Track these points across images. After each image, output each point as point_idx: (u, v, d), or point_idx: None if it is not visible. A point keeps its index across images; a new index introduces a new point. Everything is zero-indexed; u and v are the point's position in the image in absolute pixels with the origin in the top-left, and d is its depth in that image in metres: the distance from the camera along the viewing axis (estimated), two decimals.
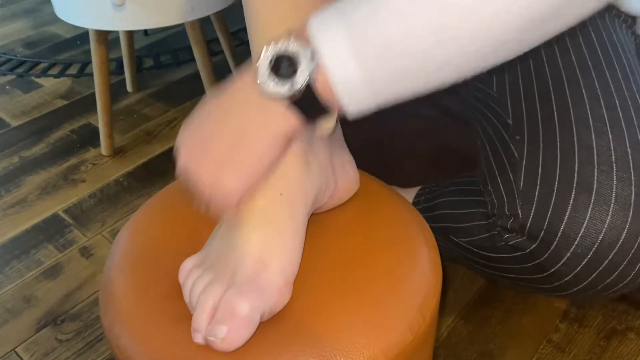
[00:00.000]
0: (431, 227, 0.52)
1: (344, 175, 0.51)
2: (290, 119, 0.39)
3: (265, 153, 0.41)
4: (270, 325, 0.42)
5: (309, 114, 0.39)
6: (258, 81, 0.38)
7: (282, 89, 0.37)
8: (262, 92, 0.38)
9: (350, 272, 0.45)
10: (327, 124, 0.42)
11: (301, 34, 0.38)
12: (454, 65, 0.36)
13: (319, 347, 0.40)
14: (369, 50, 0.36)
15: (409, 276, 0.45)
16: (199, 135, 0.43)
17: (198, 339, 0.40)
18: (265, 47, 0.38)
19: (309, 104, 0.38)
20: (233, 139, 0.41)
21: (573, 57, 0.60)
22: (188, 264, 0.45)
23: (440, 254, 0.50)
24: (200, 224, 0.50)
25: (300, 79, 0.37)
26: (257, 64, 0.38)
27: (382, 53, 0.36)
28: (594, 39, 0.62)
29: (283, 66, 0.37)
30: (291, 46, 0.37)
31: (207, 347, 0.40)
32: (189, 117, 0.46)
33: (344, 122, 0.52)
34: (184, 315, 0.42)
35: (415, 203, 0.76)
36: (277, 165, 0.44)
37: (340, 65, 0.36)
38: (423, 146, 0.90)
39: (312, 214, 0.50)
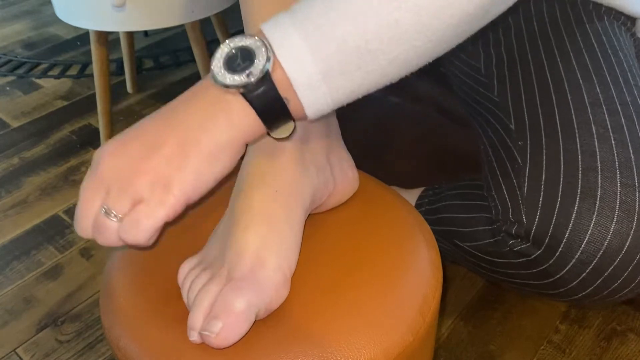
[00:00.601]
0: (435, 230, 0.52)
1: (343, 175, 0.51)
2: (248, 117, 0.38)
3: (221, 154, 0.38)
4: (270, 326, 0.42)
5: (267, 112, 0.38)
6: (213, 72, 0.37)
7: (239, 79, 0.36)
8: (217, 83, 0.37)
9: (350, 272, 0.45)
10: (285, 129, 0.40)
11: (257, 34, 0.38)
12: (405, 60, 0.38)
13: (319, 348, 0.40)
14: (325, 49, 0.36)
15: (409, 277, 0.45)
16: (136, 139, 0.38)
17: (194, 337, 0.40)
18: (220, 46, 0.38)
19: (267, 98, 0.37)
20: (184, 135, 0.37)
21: (573, 62, 0.60)
22: (187, 265, 0.45)
23: (442, 256, 0.50)
24: (200, 225, 0.50)
25: (257, 68, 0.36)
26: (212, 60, 0.37)
27: (339, 52, 0.36)
28: (594, 43, 0.62)
29: (239, 59, 0.37)
30: (247, 41, 0.37)
31: (206, 348, 0.40)
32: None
33: (343, 124, 0.52)
34: (184, 316, 0.42)
35: (418, 205, 0.76)
36: (271, 165, 0.42)
37: (295, 59, 0.36)
38: (424, 147, 0.90)
39: (311, 214, 0.50)
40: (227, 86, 0.37)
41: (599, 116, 0.55)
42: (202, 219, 0.51)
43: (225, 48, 0.38)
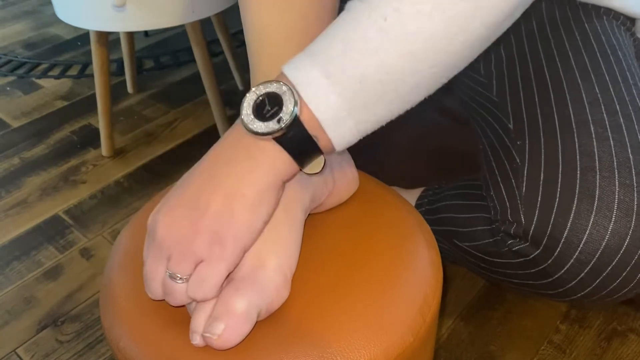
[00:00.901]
0: (434, 231, 0.52)
1: (342, 175, 0.51)
2: (283, 160, 0.40)
3: (263, 201, 0.40)
4: (270, 327, 0.42)
5: (299, 151, 0.40)
6: (244, 123, 0.39)
7: (270, 126, 0.38)
8: (250, 133, 0.39)
9: (350, 272, 0.45)
10: (317, 165, 0.42)
11: (279, 78, 0.39)
12: (424, 86, 0.40)
13: (319, 348, 0.40)
14: (347, 85, 0.38)
15: (409, 277, 0.45)
16: (182, 198, 0.40)
17: (196, 340, 0.40)
18: (246, 94, 0.40)
19: (299, 141, 0.39)
20: (227, 188, 0.39)
21: (572, 61, 0.60)
22: None
23: (443, 256, 0.50)
24: None
25: (287, 114, 0.38)
26: (241, 109, 0.39)
27: (360, 86, 0.38)
28: (593, 43, 0.62)
29: (267, 106, 0.38)
30: (273, 87, 0.39)
31: (207, 348, 0.40)
32: (165, 196, 0.42)
33: None
34: (184, 317, 0.42)
35: (418, 205, 0.76)
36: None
37: (322, 102, 0.38)
38: (423, 147, 0.90)
39: (311, 214, 0.50)
40: (259, 134, 0.38)
41: (598, 116, 0.55)
42: None
43: (253, 96, 0.39)
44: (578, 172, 0.52)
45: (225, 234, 0.39)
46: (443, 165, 0.89)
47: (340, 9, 0.43)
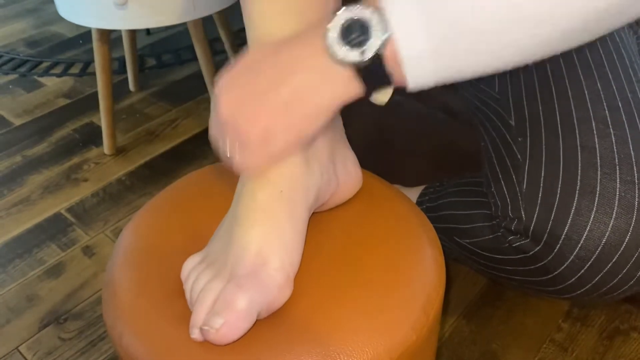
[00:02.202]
0: (435, 228, 0.52)
1: (346, 174, 0.51)
2: (352, 86, 0.39)
3: (320, 115, 0.41)
4: (273, 325, 0.42)
5: (371, 82, 0.39)
6: (327, 43, 0.38)
7: (352, 55, 0.37)
8: (330, 56, 0.38)
9: (353, 271, 0.45)
10: (385, 95, 0.41)
11: (374, 3, 0.37)
12: (519, 48, 0.37)
13: (322, 347, 0.40)
14: (439, 26, 0.35)
15: (413, 276, 0.45)
16: (249, 83, 0.41)
17: (195, 334, 0.40)
18: (336, 13, 0.38)
19: (375, 73, 0.38)
20: (292, 94, 0.40)
21: (575, 58, 0.60)
22: (190, 262, 0.45)
23: (445, 254, 0.50)
24: (203, 223, 0.50)
25: (372, 48, 0.37)
26: (328, 27, 0.38)
27: (452, 30, 0.35)
28: (597, 40, 0.62)
29: (354, 33, 0.37)
30: (364, 13, 0.37)
31: (209, 345, 0.40)
32: (229, 65, 0.43)
33: (346, 122, 0.52)
34: (187, 313, 0.42)
35: (419, 203, 0.76)
36: (279, 162, 0.43)
37: (410, 39, 0.36)
38: (426, 145, 0.90)
39: (314, 213, 0.50)
40: (339, 60, 0.38)
41: (600, 112, 0.55)
42: (204, 216, 0.51)
43: (343, 17, 0.38)
44: (579, 168, 0.52)
45: (277, 134, 0.40)
46: (446, 163, 0.88)
47: None
